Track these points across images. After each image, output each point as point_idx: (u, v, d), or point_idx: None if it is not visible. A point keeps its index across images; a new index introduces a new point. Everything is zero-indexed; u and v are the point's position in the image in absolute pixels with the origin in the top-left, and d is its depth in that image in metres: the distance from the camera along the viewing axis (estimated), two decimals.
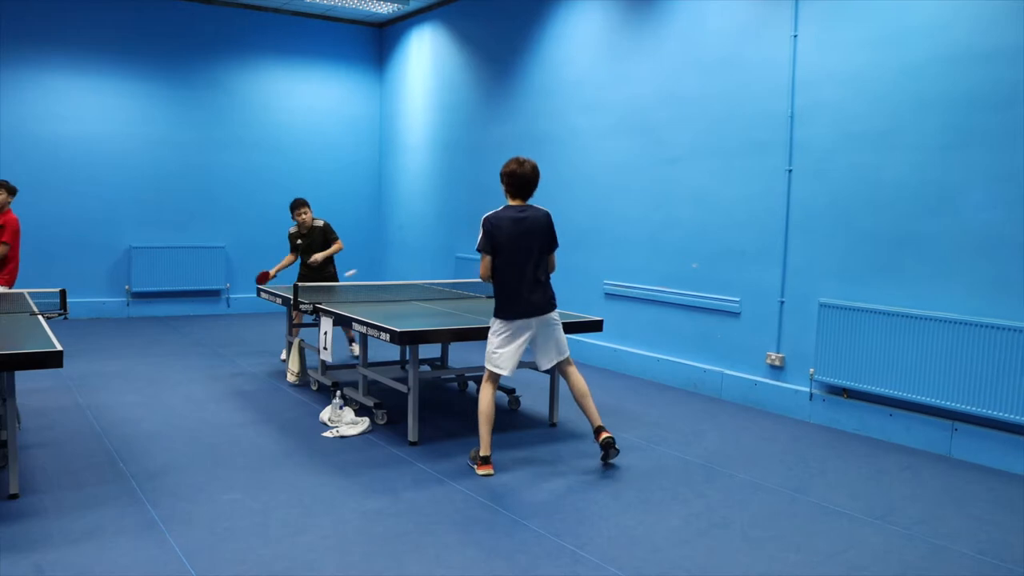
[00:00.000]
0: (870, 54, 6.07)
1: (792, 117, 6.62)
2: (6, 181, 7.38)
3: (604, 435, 5.24)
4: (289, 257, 8.59)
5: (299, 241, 8.46)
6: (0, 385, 4.63)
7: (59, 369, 4.43)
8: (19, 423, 5.64)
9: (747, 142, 7.02)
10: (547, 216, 5.22)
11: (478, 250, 5.18)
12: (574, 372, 5.38)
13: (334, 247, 8.47)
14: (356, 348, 8.05)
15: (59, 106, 10.78)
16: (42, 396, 6.72)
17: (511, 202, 5.22)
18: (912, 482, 5.13)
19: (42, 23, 10.58)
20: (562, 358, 5.35)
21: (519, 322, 5.13)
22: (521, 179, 5.14)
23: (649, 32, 7.95)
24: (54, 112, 10.75)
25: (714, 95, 7.31)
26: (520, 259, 5.09)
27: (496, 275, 5.14)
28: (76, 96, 10.88)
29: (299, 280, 8.33)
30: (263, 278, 8.45)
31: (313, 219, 8.48)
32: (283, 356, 8.43)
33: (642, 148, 8.06)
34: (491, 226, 5.10)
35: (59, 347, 4.40)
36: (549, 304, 5.21)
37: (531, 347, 5.33)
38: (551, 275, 5.34)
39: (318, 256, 8.36)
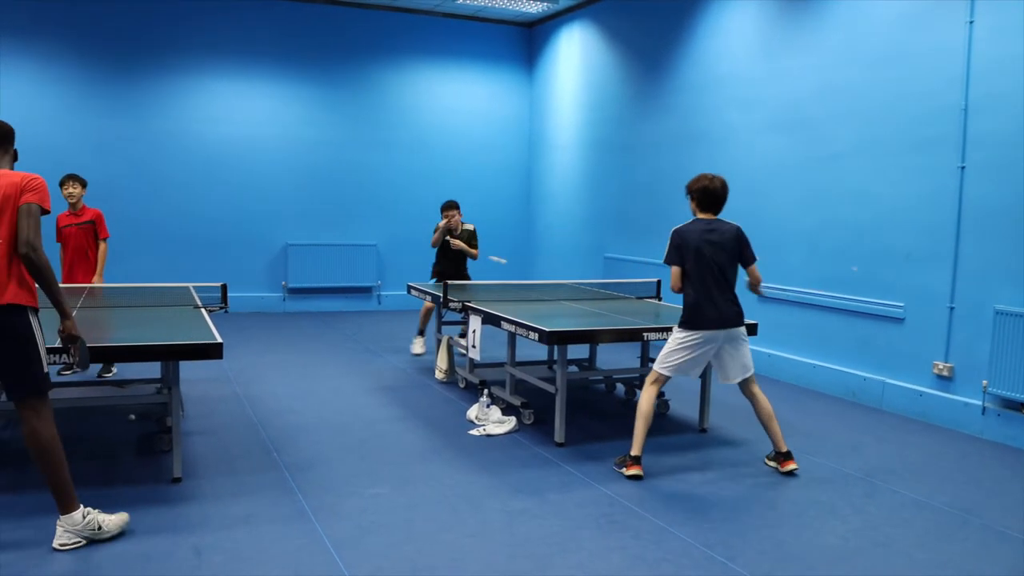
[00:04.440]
0: None
1: (965, 110, 6.19)
2: (77, 174, 7.33)
3: (789, 465, 5.13)
4: (436, 235, 8.58)
5: (447, 236, 8.53)
6: (166, 374, 4.84)
7: (219, 360, 4.58)
8: (183, 411, 5.89)
9: (914, 138, 6.62)
10: (737, 230, 5.13)
11: (665, 262, 5.15)
12: (759, 393, 5.23)
13: (472, 250, 8.57)
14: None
15: (222, 109, 11.30)
16: (203, 386, 7.01)
17: (700, 216, 5.15)
18: None
19: (207, 32, 11.11)
20: (746, 376, 5.20)
21: (706, 334, 5.02)
22: (712, 194, 5.10)
23: (807, 23, 7.62)
24: (217, 115, 11.27)
25: (877, 88, 6.94)
26: (708, 271, 5.02)
27: (685, 287, 5.10)
28: (237, 99, 11.37)
29: (434, 277, 8.55)
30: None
31: (462, 223, 8.61)
32: (415, 350, 8.68)
33: (799, 145, 7.74)
34: (679, 238, 5.08)
35: (220, 339, 4.56)
36: (738, 318, 5.10)
37: (714, 362, 5.20)
38: (759, 287, 5.27)
39: (459, 242, 8.44)
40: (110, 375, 7.13)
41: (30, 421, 3.73)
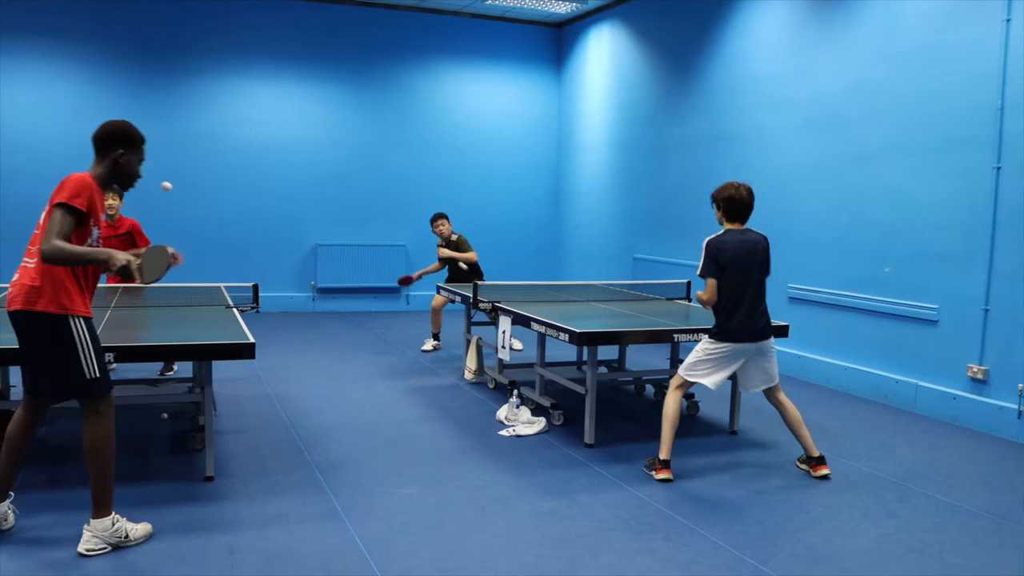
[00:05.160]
0: None
1: (1001, 109, 6.11)
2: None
3: (822, 470, 5.08)
4: (435, 264, 9.23)
5: (440, 258, 9.08)
6: (199, 373, 4.88)
7: (250, 360, 4.61)
8: (215, 410, 5.94)
9: (948, 138, 6.55)
10: (766, 242, 5.08)
11: (700, 275, 5.00)
12: (785, 400, 5.18)
13: (467, 255, 8.93)
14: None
15: (252, 111, 11.40)
16: (234, 385, 7.07)
17: (728, 226, 5.06)
18: None
19: (237, 34, 11.21)
20: (769, 386, 5.15)
21: (736, 347, 4.96)
22: (739, 203, 5.00)
23: (839, 22, 7.56)
24: (248, 116, 11.37)
25: (911, 88, 6.87)
26: (743, 283, 4.94)
27: (718, 298, 4.97)
28: (268, 101, 11.47)
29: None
30: (406, 281, 9.28)
31: (451, 232, 9.09)
32: (426, 346, 8.95)
33: (831, 146, 7.68)
34: (716, 249, 4.93)
35: (252, 339, 4.59)
36: (767, 330, 5.05)
37: (738, 371, 5.12)
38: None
39: (447, 251, 8.95)
40: (171, 372, 7.23)
41: (87, 419, 3.78)
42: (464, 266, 8.91)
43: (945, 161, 6.58)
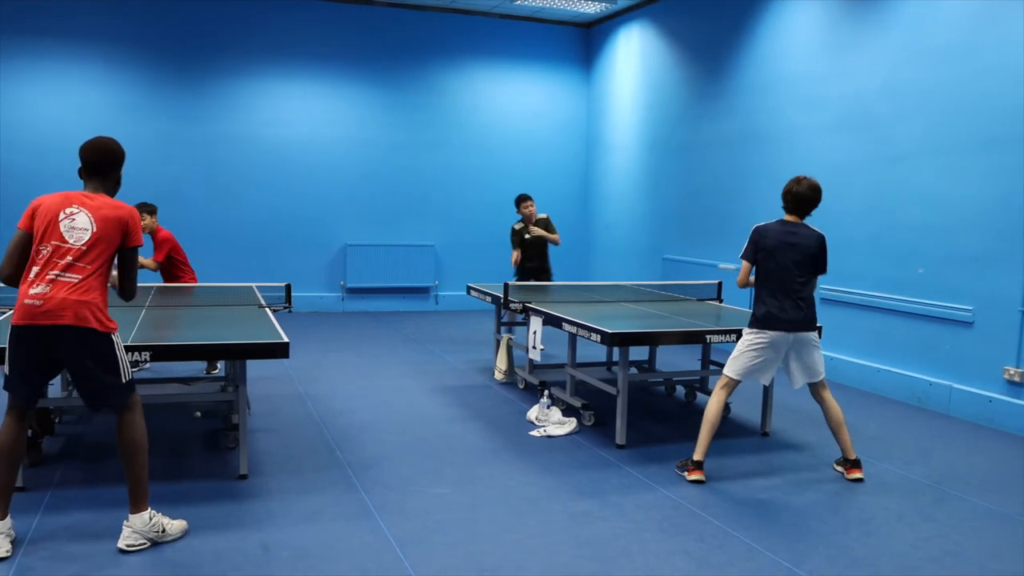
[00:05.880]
0: None
1: None
2: (145, 203, 7.30)
3: (855, 474, 5.06)
4: (516, 253, 8.64)
5: (526, 236, 8.57)
6: (233, 372, 4.91)
7: (282, 359, 4.64)
8: (249, 409, 5.98)
9: (983, 137, 6.47)
10: (819, 239, 5.04)
11: (741, 257, 5.13)
12: (829, 398, 5.16)
13: (553, 236, 8.57)
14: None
15: (282, 111, 11.47)
16: (266, 384, 7.12)
17: (787, 218, 5.10)
18: None
19: (267, 36, 11.29)
20: (814, 380, 5.13)
21: (773, 335, 4.96)
22: (796, 197, 5.02)
23: (872, 20, 7.49)
24: (278, 117, 11.44)
25: (945, 87, 6.80)
26: (781, 272, 4.96)
27: (756, 286, 5.08)
28: (298, 102, 11.53)
29: (518, 278, 8.56)
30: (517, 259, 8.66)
31: (537, 213, 8.67)
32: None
33: (863, 145, 7.61)
34: (758, 235, 5.05)
35: (286, 339, 4.62)
36: (807, 322, 5.02)
37: (783, 365, 5.13)
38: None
39: (538, 229, 8.48)
40: (215, 371, 7.32)
41: (122, 417, 3.86)
42: (552, 242, 8.65)
43: (979, 160, 6.51)
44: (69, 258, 3.71)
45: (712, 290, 7.51)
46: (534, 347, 6.34)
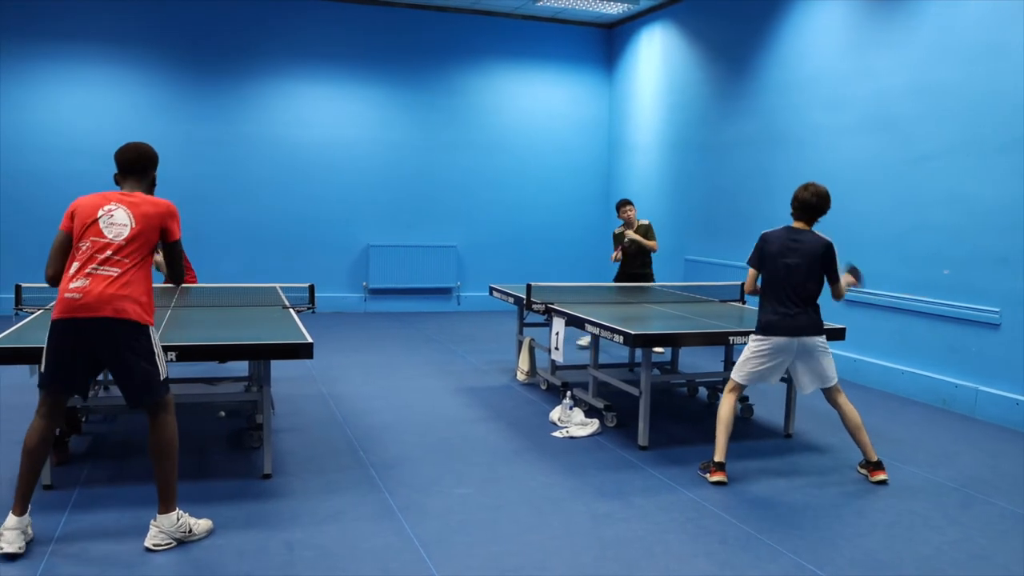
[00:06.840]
0: None
1: None
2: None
3: (879, 476, 5.03)
4: (617, 252, 9.11)
5: (624, 242, 8.97)
6: (257, 373, 4.94)
7: (305, 360, 4.66)
8: (273, 409, 6.01)
9: (1009, 137, 6.41)
10: (825, 246, 5.03)
11: (748, 263, 5.19)
12: (845, 402, 5.15)
13: (650, 242, 8.97)
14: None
15: (305, 112, 11.52)
16: (290, 384, 7.15)
17: (794, 224, 5.12)
18: None
19: (289, 37, 11.35)
20: (825, 386, 5.13)
21: (776, 341, 4.98)
22: (802, 203, 5.07)
23: (898, 19, 7.44)
24: (300, 118, 11.49)
25: (972, 86, 6.74)
26: (781, 278, 5.00)
27: (760, 291, 5.13)
28: (320, 102, 11.58)
29: (617, 279, 9.00)
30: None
31: (637, 219, 9.11)
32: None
33: (888, 146, 7.56)
34: (762, 241, 5.13)
35: (310, 340, 4.65)
36: (812, 327, 5.02)
37: (791, 371, 5.14)
38: (842, 296, 5.22)
39: (635, 235, 8.93)
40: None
41: (157, 417, 3.91)
42: (650, 249, 9.01)
43: (1005, 161, 6.44)
44: (108, 252, 3.77)
45: (735, 291, 7.48)
46: (556, 348, 6.33)
